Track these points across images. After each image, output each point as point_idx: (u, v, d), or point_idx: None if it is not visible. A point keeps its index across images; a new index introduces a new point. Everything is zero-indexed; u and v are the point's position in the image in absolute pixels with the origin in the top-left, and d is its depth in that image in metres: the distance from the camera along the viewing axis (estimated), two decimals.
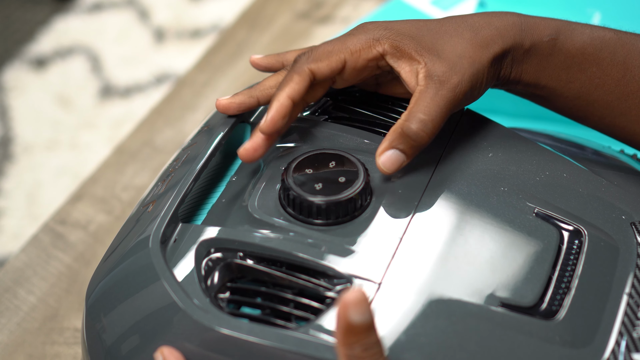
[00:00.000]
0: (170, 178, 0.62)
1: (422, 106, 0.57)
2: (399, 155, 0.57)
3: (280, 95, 0.59)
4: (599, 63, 0.62)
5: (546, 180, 0.61)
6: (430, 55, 0.58)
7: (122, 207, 0.90)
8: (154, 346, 0.54)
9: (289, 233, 0.57)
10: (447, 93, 0.57)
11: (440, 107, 0.57)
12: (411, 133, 0.57)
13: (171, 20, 1.86)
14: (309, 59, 0.59)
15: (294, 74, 0.59)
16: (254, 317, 0.54)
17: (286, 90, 0.59)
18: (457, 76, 0.58)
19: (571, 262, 0.57)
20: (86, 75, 1.77)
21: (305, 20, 1.09)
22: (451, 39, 0.59)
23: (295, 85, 0.59)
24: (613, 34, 0.62)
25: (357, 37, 0.60)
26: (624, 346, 0.54)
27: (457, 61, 0.58)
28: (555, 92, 0.63)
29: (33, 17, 1.88)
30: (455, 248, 0.56)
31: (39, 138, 1.66)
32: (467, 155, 0.62)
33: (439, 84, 0.57)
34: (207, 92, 1.02)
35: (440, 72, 0.58)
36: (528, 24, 0.61)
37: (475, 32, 0.60)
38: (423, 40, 0.59)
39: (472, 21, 0.61)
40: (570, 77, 0.62)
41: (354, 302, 0.46)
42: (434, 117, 0.57)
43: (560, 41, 0.61)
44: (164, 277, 0.55)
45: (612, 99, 0.62)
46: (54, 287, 0.83)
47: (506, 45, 0.60)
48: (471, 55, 0.59)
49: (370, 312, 0.47)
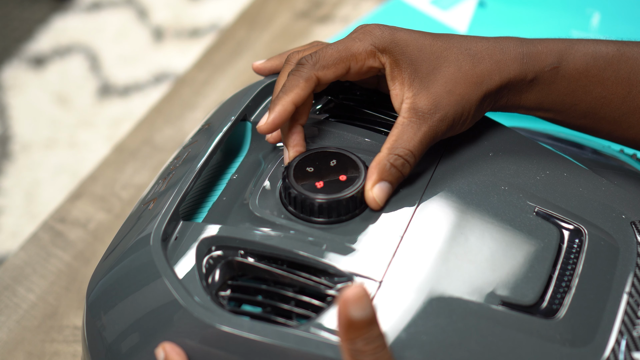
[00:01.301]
0: (171, 176, 0.62)
1: (404, 140, 0.58)
2: (388, 186, 0.58)
3: (285, 100, 0.59)
4: (603, 83, 0.62)
5: (546, 179, 0.61)
6: (420, 87, 0.59)
7: (122, 206, 0.90)
8: (154, 344, 0.54)
9: (289, 231, 0.57)
10: (427, 130, 0.59)
11: (421, 142, 0.59)
12: (398, 165, 0.58)
13: (170, 20, 1.86)
14: (315, 66, 0.59)
15: (300, 80, 0.59)
16: (255, 314, 0.54)
17: (291, 95, 0.59)
18: (439, 114, 0.59)
19: (571, 261, 0.57)
20: (85, 74, 1.77)
21: (304, 19, 1.09)
22: (448, 69, 0.60)
23: (300, 92, 0.59)
24: (615, 49, 0.62)
25: (362, 44, 0.60)
26: (624, 345, 0.54)
27: (444, 97, 0.59)
28: (560, 115, 0.63)
29: (32, 15, 1.88)
30: (455, 247, 0.56)
31: (38, 137, 1.66)
32: (467, 154, 0.62)
33: (422, 120, 0.59)
34: (207, 90, 1.02)
35: (425, 107, 0.59)
36: (530, 54, 0.61)
37: (474, 65, 0.60)
38: (420, 67, 0.60)
39: (476, 50, 0.61)
40: (575, 100, 0.62)
41: (354, 298, 0.47)
42: (415, 152, 0.59)
43: (563, 68, 0.61)
44: (165, 274, 0.55)
45: (618, 115, 0.62)
46: (53, 285, 0.83)
47: (503, 80, 0.61)
48: (461, 92, 0.60)
49: (371, 307, 0.47)
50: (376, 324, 0.48)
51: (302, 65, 0.59)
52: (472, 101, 0.60)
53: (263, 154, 0.64)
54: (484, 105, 0.61)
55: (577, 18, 0.94)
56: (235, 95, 0.69)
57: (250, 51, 1.06)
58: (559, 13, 0.95)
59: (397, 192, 0.59)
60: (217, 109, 0.69)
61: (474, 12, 0.96)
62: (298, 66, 0.60)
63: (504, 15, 0.96)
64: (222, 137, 0.63)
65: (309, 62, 0.59)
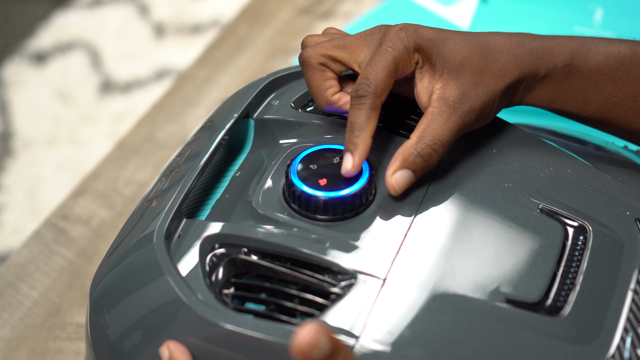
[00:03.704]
0: (174, 173, 0.62)
1: (434, 129, 0.58)
2: (410, 175, 0.58)
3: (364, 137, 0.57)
4: (615, 82, 0.62)
5: (550, 176, 0.61)
6: (449, 78, 0.59)
7: (124, 203, 0.90)
8: (158, 342, 0.54)
9: (293, 229, 0.57)
10: (457, 119, 0.58)
11: (451, 132, 0.58)
12: (425, 155, 0.58)
13: (171, 16, 1.85)
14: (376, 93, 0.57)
15: (369, 112, 0.57)
16: (259, 312, 0.54)
17: (368, 131, 0.57)
18: (469, 104, 0.59)
19: (576, 258, 0.57)
20: (86, 70, 1.77)
21: (306, 15, 1.09)
22: (472, 61, 0.60)
23: (373, 123, 0.58)
24: (627, 49, 0.62)
25: (398, 52, 0.58)
26: (629, 342, 0.54)
27: (472, 88, 0.59)
28: (571, 112, 0.63)
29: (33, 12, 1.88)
30: (459, 244, 0.56)
31: (39, 133, 1.66)
32: (471, 152, 0.62)
33: (452, 109, 0.58)
34: (209, 87, 1.02)
35: (455, 96, 0.59)
36: (544, 50, 0.61)
37: (495, 57, 0.60)
38: (448, 60, 0.59)
39: (494, 43, 0.61)
40: (586, 98, 0.62)
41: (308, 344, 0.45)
42: (444, 141, 0.58)
43: (575, 65, 0.61)
44: (168, 272, 0.55)
45: (629, 114, 0.62)
46: (56, 282, 0.83)
47: (522, 74, 0.61)
48: (487, 83, 0.59)
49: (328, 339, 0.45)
50: (339, 349, 0.46)
51: (363, 97, 0.57)
52: (497, 93, 0.60)
53: (266, 151, 0.64)
54: (505, 98, 0.61)
55: (580, 13, 0.94)
56: (237, 92, 0.69)
57: (252, 47, 1.05)
58: (562, 8, 0.95)
59: None
60: (219, 106, 0.68)
61: (476, 8, 0.96)
62: (360, 99, 0.57)
63: (506, 11, 0.95)
64: (224, 134, 0.63)
65: (369, 92, 0.57)
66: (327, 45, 0.61)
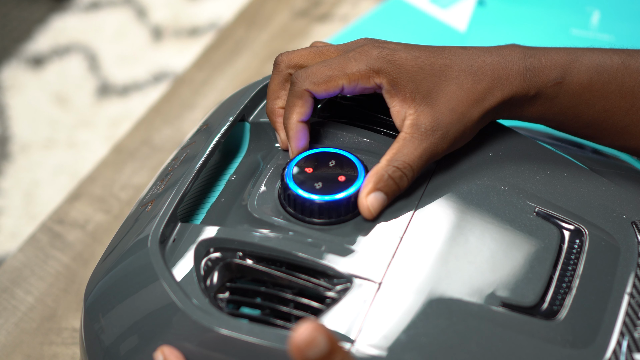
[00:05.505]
0: (169, 177, 0.62)
1: (404, 154, 0.58)
2: (384, 197, 0.58)
3: (291, 122, 0.60)
4: (607, 96, 0.61)
5: (547, 179, 0.60)
6: (422, 104, 0.59)
7: (121, 206, 0.90)
8: (152, 346, 0.54)
9: (288, 232, 0.56)
10: (429, 146, 0.59)
11: (422, 158, 0.59)
12: (396, 177, 0.58)
13: (169, 19, 1.85)
14: (305, 82, 0.59)
15: (295, 99, 0.60)
16: (254, 317, 0.54)
17: (294, 116, 0.60)
18: (441, 131, 0.59)
19: (572, 262, 0.57)
20: (83, 73, 1.77)
21: (303, 18, 1.08)
22: (449, 87, 0.59)
23: (300, 109, 0.60)
24: (620, 62, 0.61)
25: (357, 64, 0.59)
26: (625, 346, 0.53)
27: (446, 115, 0.59)
28: (562, 125, 0.63)
29: (30, 15, 1.88)
30: (455, 247, 0.56)
31: (37, 137, 1.66)
32: (467, 155, 0.61)
33: (423, 136, 0.59)
34: (206, 90, 1.02)
35: (427, 124, 0.59)
36: (534, 69, 0.60)
37: (475, 82, 0.60)
38: (421, 85, 0.59)
39: (478, 66, 0.60)
40: (578, 112, 0.62)
41: (305, 341, 0.45)
42: (414, 166, 0.58)
43: (566, 83, 0.61)
44: (162, 277, 0.54)
45: (621, 127, 0.62)
46: (51, 287, 0.83)
47: (505, 96, 0.60)
48: (462, 110, 0.59)
49: (326, 337, 0.46)
50: (336, 349, 0.46)
51: (294, 84, 0.60)
52: (473, 119, 0.60)
53: (261, 154, 0.63)
54: (485, 120, 0.61)
55: (577, 16, 0.94)
56: (233, 95, 0.69)
57: (249, 50, 1.05)
58: (559, 11, 0.94)
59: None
60: (215, 110, 0.68)
61: (474, 11, 0.96)
62: (291, 84, 0.60)
63: (503, 13, 0.95)
64: (220, 137, 0.62)
65: (299, 79, 0.60)
66: (303, 53, 0.62)
